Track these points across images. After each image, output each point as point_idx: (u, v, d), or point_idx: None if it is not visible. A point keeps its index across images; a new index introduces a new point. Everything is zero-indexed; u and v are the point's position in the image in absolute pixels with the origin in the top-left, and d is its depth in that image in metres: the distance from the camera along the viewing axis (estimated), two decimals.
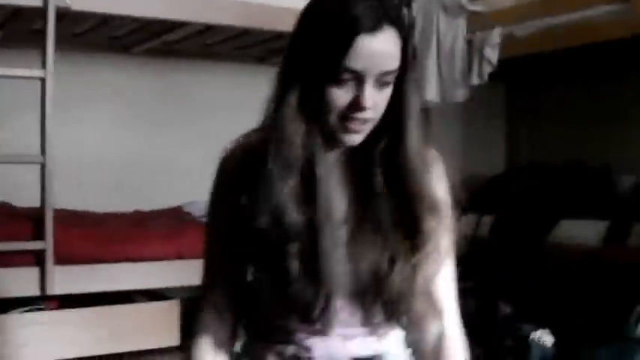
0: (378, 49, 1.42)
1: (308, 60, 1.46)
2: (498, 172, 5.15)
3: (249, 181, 1.53)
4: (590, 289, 3.78)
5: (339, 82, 1.43)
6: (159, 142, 4.66)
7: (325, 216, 1.49)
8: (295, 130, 1.49)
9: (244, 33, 4.08)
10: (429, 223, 1.52)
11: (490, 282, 4.13)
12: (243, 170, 1.56)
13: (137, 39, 4.25)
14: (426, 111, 4.79)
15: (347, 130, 1.48)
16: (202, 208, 3.95)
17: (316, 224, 1.48)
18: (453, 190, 1.66)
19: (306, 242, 1.48)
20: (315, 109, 1.48)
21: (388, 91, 1.48)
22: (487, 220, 4.37)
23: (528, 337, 3.68)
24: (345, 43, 1.41)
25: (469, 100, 4.74)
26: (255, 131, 1.58)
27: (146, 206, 4.39)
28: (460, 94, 4.67)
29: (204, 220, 3.79)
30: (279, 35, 4.07)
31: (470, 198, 4.77)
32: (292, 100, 1.48)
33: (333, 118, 1.47)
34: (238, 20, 3.83)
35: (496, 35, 4.45)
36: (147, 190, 4.56)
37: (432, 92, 4.72)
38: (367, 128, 1.50)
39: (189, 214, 4.12)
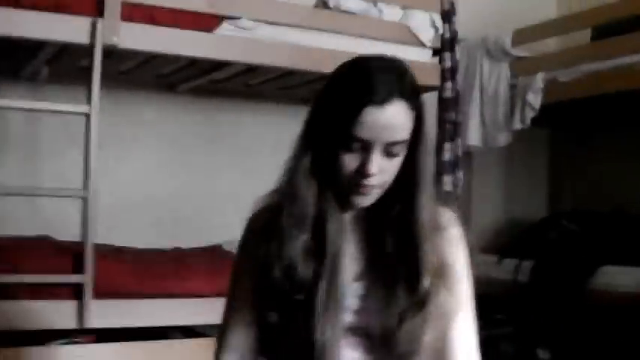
0: (385, 120, 1.52)
1: (322, 127, 1.59)
2: (540, 217, 5.09)
3: (270, 236, 1.66)
4: (630, 336, 3.71)
5: (348, 149, 1.56)
6: (201, 180, 4.67)
7: (331, 270, 1.61)
8: (307, 190, 1.62)
9: (288, 74, 4.09)
10: (432, 285, 1.61)
11: (529, 328, 4.08)
12: (265, 227, 1.69)
13: (182, 77, 4.29)
14: (468, 155, 4.79)
15: (356, 193, 1.60)
16: None
17: (321, 277, 1.61)
18: (490, 237, 1.75)
19: (313, 293, 1.60)
20: (327, 172, 1.61)
21: (399, 159, 1.59)
22: (527, 265, 4.31)
23: None
24: (354, 113, 1.52)
25: (511, 145, 4.73)
26: (276, 191, 1.71)
27: (187, 244, 4.39)
28: (503, 139, 4.68)
29: None
30: (322, 77, 4.09)
31: (510, 243, 4.74)
32: (306, 162, 1.63)
33: (343, 182, 1.59)
34: (283, 61, 3.85)
35: (539, 80, 4.44)
36: (188, 228, 4.56)
37: (474, 136, 4.73)
38: (377, 191, 1.61)
39: (229, 252, 4.07)
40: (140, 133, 4.53)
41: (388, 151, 1.56)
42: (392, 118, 1.53)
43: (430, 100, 4.37)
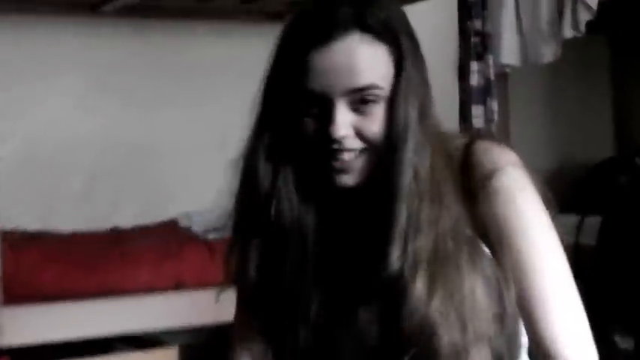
0: (335, 62, 1.54)
1: (275, 92, 1.63)
2: (604, 157, 5.05)
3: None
4: None
5: (306, 112, 1.58)
6: (143, 129, 4.59)
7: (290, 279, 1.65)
8: (265, 176, 1.65)
9: None
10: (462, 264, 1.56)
11: (601, 307, 4.02)
12: None
13: None
14: (503, 78, 4.71)
15: (333, 170, 1.58)
16: (205, 220, 3.92)
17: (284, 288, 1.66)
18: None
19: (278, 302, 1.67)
20: (290, 150, 1.63)
21: (377, 114, 1.57)
22: (592, 222, 4.26)
23: None
24: (300, 63, 1.55)
25: (561, 61, 4.65)
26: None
27: (128, 220, 4.32)
28: (548, 53, 4.60)
29: (209, 236, 3.73)
30: None
31: (567, 193, 4.64)
32: (265, 142, 1.65)
33: (312, 156, 1.60)
34: None
35: None
36: (128, 197, 4.49)
37: (510, 52, 4.67)
38: (359, 164, 1.59)
39: (187, 228, 4.09)
40: (56, 69, 4.42)
41: (356, 105, 1.56)
42: (345, 58, 1.54)
43: (449, 4, 4.29)
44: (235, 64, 4.60)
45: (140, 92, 4.61)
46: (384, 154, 1.58)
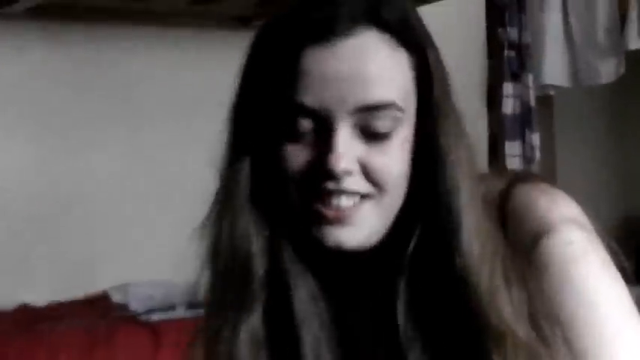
0: (339, 67, 1.42)
1: (253, 108, 1.51)
2: None
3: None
4: None
5: (293, 135, 1.45)
6: (62, 172, 4.52)
7: None
8: (249, 229, 1.53)
9: None
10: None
11: None
12: None
13: None
14: (546, 104, 4.69)
15: (321, 219, 1.46)
16: (147, 295, 3.85)
17: None
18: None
19: None
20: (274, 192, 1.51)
21: (395, 143, 1.46)
22: None
23: None
24: (286, 66, 1.43)
25: (624, 81, 4.64)
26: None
27: (42, 295, 4.26)
28: (607, 71, 4.61)
29: (153, 317, 3.71)
30: None
31: (631, 258, 4.54)
32: (243, 178, 1.53)
33: (293, 198, 1.48)
34: None
35: None
36: (44, 262, 4.41)
37: (556, 71, 4.67)
38: (363, 214, 1.47)
39: (123, 306, 4.03)
40: None
41: (367, 129, 1.44)
42: (354, 61, 1.41)
43: (474, 6, 4.29)
44: (187, 84, 4.58)
45: (58, 122, 4.55)
46: (429, 215, 1.47)
